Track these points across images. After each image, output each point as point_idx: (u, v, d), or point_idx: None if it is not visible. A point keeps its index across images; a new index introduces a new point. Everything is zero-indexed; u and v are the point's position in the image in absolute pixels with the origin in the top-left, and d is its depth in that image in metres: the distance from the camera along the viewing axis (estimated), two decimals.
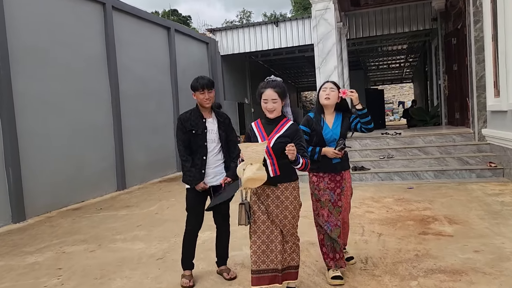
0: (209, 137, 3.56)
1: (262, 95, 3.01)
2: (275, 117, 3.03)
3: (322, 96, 3.47)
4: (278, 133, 3.01)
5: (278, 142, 2.95)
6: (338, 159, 3.46)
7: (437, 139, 8.75)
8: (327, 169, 3.47)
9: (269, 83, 3.04)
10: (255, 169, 2.74)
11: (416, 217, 5.22)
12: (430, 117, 13.93)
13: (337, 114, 3.56)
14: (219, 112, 3.71)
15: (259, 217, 2.99)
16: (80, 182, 8.15)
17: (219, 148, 3.63)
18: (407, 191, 6.91)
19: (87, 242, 5.26)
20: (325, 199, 3.46)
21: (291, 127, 3.04)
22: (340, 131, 3.48)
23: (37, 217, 7.00)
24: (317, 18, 9.06)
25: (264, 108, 3.01)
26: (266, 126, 3.09)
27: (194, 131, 3.51)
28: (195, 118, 3.56)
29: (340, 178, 3.49)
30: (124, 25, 9.97)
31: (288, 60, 19.54)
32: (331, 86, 3.49)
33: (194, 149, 3.56)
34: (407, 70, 26.39)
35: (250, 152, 2.77)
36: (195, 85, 3.49)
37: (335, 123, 3.52)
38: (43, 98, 7.43)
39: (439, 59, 12.95)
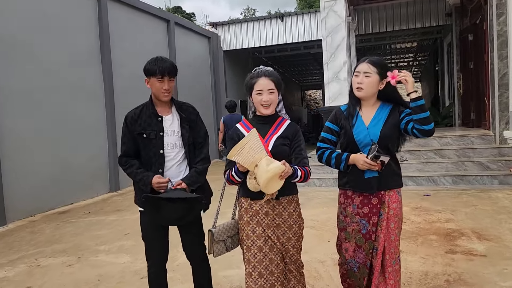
0: (167, 141, 2.63)
1: (254, 86, 2.38)
2: (270, 113, 2.41)
3: (354, 84, 2.48)
4: (276, 133, 2.40)
5: (279, 145, 2.36)
6: (373, 172, 2.42)
7: (453, 141, 8.11)
8: (357, 185, 2.48)
9: (261, 71, 2.43)
10: (265, 165, 2.12)
11: (439, 231, 4.60)
12: (442, 117, 13.26)
13: (382, 106, 2.51)
14: (182, 104, 2.76)
15: (254, 243, 2.33)
16: (68, 183, 7.55)
17: (183, 155, 2.68)
18: (424, 198, 6.28)
19: (67, 253, 4.67)
20: (352, 229, 2.50)
21: (290, 127, 2.46)
22: (380, 130, 2.42)
23: (19, 221, 6.43)
24: (326, 10, 8.42)
25: (258, 102, 2.37)
26: (258, 126, 2.42)
27: (145, 134, 2.59)
28: (147, 116, 2.62)
29: (377, 202, 2.46)
30: (120, 16, 9.36)
31: (293, 57, 18.88)
32: (366, 70, 2.40)
33: (146, 160, 2.63)
34: (415, 69, 25.67)
35: (247, 153, 2.14)
36: (152, 69, 2.55)
37: (375, 118, 2.47)
38: (26, 94, 6.83)
39: (452, 57, 12.27)
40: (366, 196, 2.48)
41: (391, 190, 2.48)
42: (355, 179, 2.48)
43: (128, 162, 2.63)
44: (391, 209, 2.45)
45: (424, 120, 2.32)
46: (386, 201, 2.45)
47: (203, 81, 13.48)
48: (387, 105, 2.51)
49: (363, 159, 2.34)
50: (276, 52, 16.38)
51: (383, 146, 2.38)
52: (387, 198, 2.46)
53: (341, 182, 2.57)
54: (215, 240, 2.35)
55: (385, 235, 2.44)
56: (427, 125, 2.34)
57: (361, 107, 2.52)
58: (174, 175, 2.63)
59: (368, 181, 2.44)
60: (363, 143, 2.44)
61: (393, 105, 2.49)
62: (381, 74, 2.39)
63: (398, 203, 2.47)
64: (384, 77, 2.40)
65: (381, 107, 2.51)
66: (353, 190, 2.50)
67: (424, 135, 2.36)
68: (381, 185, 2.45)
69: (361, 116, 2.49)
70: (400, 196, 2.51)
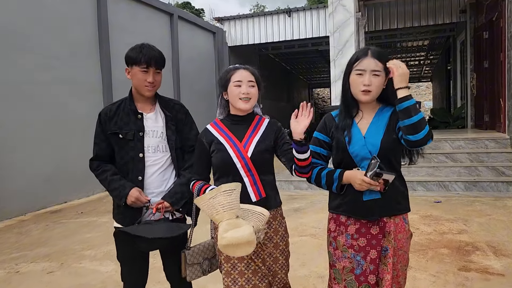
0: (148, 143, 2.25)
1: (231, 78, 2.05)
2: (248, 110, 2.08)
3: (358, 86, 1.89)
4: (256, 134, 2.06)
5: (260, 150, 2.02)
6: (374, 193, 1.90)
7: (466, 144, 7.69)
8: (353, 210, 1.94)
9: (239, 65, 2.13)
10: (222, 231, 1.71)
11: (451, 244, 4.22)
12: (454, 119, 12.79)
13: (381, 110, 1.98)
14: (168, 101, 2.39)
15: (234, 267, 1.97)
16: (62, 181, 7.27)
17: (168, 160, 2.30)
18: (434, 205, 5.89)
19: (50, 258, 4.38)
20: (343, 266, 1.94)
21: (271, 125, 2.14)
22: (381, 140, 1.90)
23: (8, 221, 6.16)
24: (334, 4, 8.03)
25: (236, 95, 2.03)
26: (233, 127, 2.09)
27: (120, 134, 2.22)
28: (125, 113, 2.26)
29: (378, 231, 1.91)
30: (120, 8, 9.04)
31: (300, 54, 18.48)
32: (374, 67, 1.87)
33: (122, 165, 2.25)
34: (426, 68, 25.12)
35: (211, 206, 1.76)
36: (135, 56, 2.17)
37: (374, 125, 1.95)
38: (18, 87, 6.55)
39: (466, 55, 11.80)
40: (364, 224, 1.93)
41: (397, 216, 1.95)
42: (351, 202, 1.93)
43: (101, 166, 2.26)
44: (399, 240, 1.93)
45: (412, 128, 1.74)
46: (390, 231, 1.91)
47: (207, 77, 13.14)
48: (388, 107, 1.97)
49: (361, 178, 1.81)
50: (283, 48, 15.99)
51: (385, 160, 1.87)
52: (392, 227, 1.92)
53: (332, 204, 2.04)
54: (189, 263, 2.02)
55: (397, 275, 1.93)
56: (415, 134, 1.74)
57: (357, 112, 2.00)
58: (157, 183, 2.27)
59: (368, 204, 1.89)
60: (359, 156, 1.91)
61: (395, 107, 1.93)
62: (386, 70, 1.89)
63: (404, 233, 1.95)
64: (387, 74, 1.90)
65: (380, 110, 1.99)
66: (347, 215, 1.96)
67: (411, 146, 1.83)
68: (384, 210, 1.91)
69: (357, 122, 1.97)
70: (407, 224, 2.00)
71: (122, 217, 2.24)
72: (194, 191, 2.06)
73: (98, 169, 2.28)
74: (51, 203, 7.06)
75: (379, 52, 1.92)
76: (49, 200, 7.01)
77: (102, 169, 2.26)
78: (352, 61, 1.93)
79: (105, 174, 2.24)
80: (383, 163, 1.85)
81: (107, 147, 2.27)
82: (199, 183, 2.07)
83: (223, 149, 2.03)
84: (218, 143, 2.05)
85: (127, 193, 2.14)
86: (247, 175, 2.01)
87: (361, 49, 1.98)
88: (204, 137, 2.11)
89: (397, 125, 1.88)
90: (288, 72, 22.49)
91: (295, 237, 4.54)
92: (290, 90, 23.25)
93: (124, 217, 2.23)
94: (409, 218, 2.05)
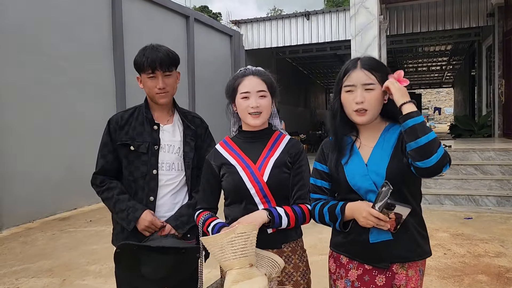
0: (163, 159, 1.97)
1: (238, 88, 1.72)
2: (261, 126, 1.74)
3: (350, 105, 1.56)
4: (272, 154, 1.72)
5: (278, 173, 1.68)
6: (384, 233, 1.52)
7: (497, 155, 7.21)
8: (356, 252, 1.59)
9: (248, 70, 1.75)
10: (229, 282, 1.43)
11: (489, 269, 3.80)
12: (479, 127, 12.22)
13: (388, 129, 1.62)
14: (187, 114, 2.10)
15: None
16: (72, 186, 7.05)
17: (182, 180, 2.00)
18: (464, 222, 5.45)
19: (53, 273, 4.11)
20: None
21: (291, 145, 1.76)
22: (387, 168, 1.52)
23: (15, 228, 5.95)
24: (357, 6, 7.66)
25: (244, 109, 1.69)
26: (246, 146, 1.76)
27: (132, 146, 1.94)
28: (138, 123, 1.98)
29: (384, 282, 1.55)
30: (135, 10, 8.85)
31: (318, 58, 18.11)
32: (365, 80, 1.53)
33: (129, 183, 1.96)
34: (448, 74, 24.43)
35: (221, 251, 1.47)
36: (140, 61, 1.91)
37: (378, 148, 1.59)
38: (28, 90, 6.36)
39: (493, 61, 11.28)
40: (369, 271, 1.55)
41: (411, 266, 1.55)
42: (354, 242, 1.56)
43: (106, 183, 1.97)
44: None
45: (420, 152, 1.38)
46: (400, 285, 1.54)
47: (223, 81, 12.70)
48: (397, 126, 1.58)
49: (368, 210, 1.44)
50: (301, 52, 15.67)
51: (394, 191, 1.43)
52: (403, 280, 1.53)
53: (333, 240, 1.69)
54: None
55: None
56: (424, 160, 1.37)
57: (358, 133, 1.64)
58: (168, 207, 1.97)
59: (375, 247, 1.52)
60: (362, 189, 1.54)
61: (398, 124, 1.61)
62: (383, 82, 1.53)
63: (416, 281, 1.56)
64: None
65: (386, 130, 1.61)
66: (350, 256, 1.60)
67: (422, 175, 1.46)
68: (396, 255, 1.52)
69: (358, 148, 1.61)
70: (422, 273, 1.60)
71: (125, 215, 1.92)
72: (198, 223, 1.75)
73: (103, 186, 1.98)
74: (60, 209, 6.85)
75: (371, 60, 1.58)
76: (58, 207, 6.80)
77: (107, 186, 1.97)
78: (340, 76, 1.59)
79: (111, 192, 1.94)
80: (394, 197, 1.43)
81: (114, 160, 1.98)
82: (204, 214, 1.75)
83: (235, 171, 1.70)
84: (229, 166, 1.73)
85: (138, 216, 1.85)
86: (263, 202, 1.68)
87: (350, 60, 1.63)
88: (212, 159, 1.78)
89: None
90: (306, 77, 22.14)
91: (315, 255, 4.18)
92: (307, 95, 22.88)
93: (126, 239, 1.90)
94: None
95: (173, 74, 1.97)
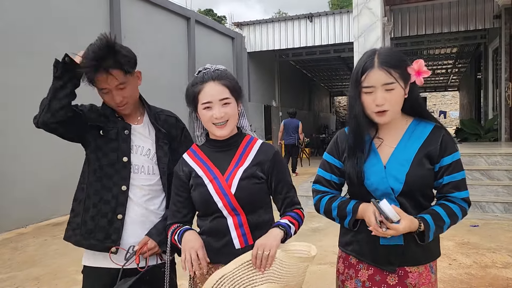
0: (135, 160, 1.79)
1: (198, 96, 1.56)
2: (229, 135, 1.57)
3: (369, 107, 1.45)
4: (242, 164, 1.56)
5: (247, 184, 1.53)
6: (395, 238, 1.45)
7: (504, 160, 6.98)
8: (366, 254, 1.53)
9: (207, 73, 1.56)
10: None
11: (497, 281, 3.59)
12: (485, 131, 11.99)
13: (413, 127, 1.53)
14: (159, 113, 1.92)
15: None
16: (67, 190, 6.81)
17: (156, 185, 1.82)
18: (470, 230, 5.24)
19: (39, 282, 3.95)
20: None
21: (263, 150, 1.60)
22: (407, 173, 1.45)
23: (7, 233, 5.81)
24: (359, 6, 7.48)
25: (208, 120, 1.54)
26: (214, 155, 1.61)
27: (102, 131, 1.77)
28: (111, 115, 1.81)
29: (397, 282, 1.50)
30: (134, 11, 8.72)
31: (321, 61, 17.93)
32: (386, 80, 1.41)
33: (96, 169, 1.77)
34: (453, 77, 24.15)
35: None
36: (89, 76, 1.70)
37: (400, 149, 1.49)
38: (23, 91, 6.22)
39: (499, 64, 11.06)
40: (379, 271, 1.50)
41: (420, 266, 1.50)
42: (364, 242, 1.50)
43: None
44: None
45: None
46: (415, 284, 1.49)
47: None
48: (424, 123, 1.52)
49: (375, 216, 1.38)
50: (304, 55, 15.48)
51: (410, 199, 1.46)
52: (415, 278, 1.49)
53: (342, 240, 1.63)
54: None
55: None
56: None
57: (378, 130, 1.53)
58: (140, 211, 1.77)
59: (385, 250, 1.45)
60: (379, 191, 1.47)
61: (434, 126, 1.51)
62: (404, 77, 1.43)
63: (429, 286, 1.51)
64: (407, 79, 1.45)
65: (411, 129, 1.52)
66: (359, 257, 1.54)
67: None
68: (406, 258, 1.48)
69: (376, 147, 1.51)
70: (435, 273, 1.55)
71: (85, 235, 1.73)
72: (168, 237, 1.61)
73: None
74: (55, 214, 6.69)
75: (389, 55, 1.44)
76: (52, 211, 6.65)
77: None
78: (358, 76, 1.45)
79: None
80: (407, 202, 1.46)
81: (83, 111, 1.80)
82: (173, 227, 1.60)
83: (202, 183, 1.56)
84: (196, 177, 1.59)
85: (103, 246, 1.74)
86: (232, 215, 1.54)
87: (366, 54, 1.48)
88: (181, 170, 1.63)
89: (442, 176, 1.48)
90: (309, 80, 21.96)
91: (313, 265, 3.98)
92: (311, 98, 22.69)
93: (88, 235, 1.73)
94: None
95: (129, 81, 1.72)
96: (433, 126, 1.51)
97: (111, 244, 1.71)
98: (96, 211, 1.73)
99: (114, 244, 1.71)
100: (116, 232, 1.72)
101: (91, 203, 1.74)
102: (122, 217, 1.73)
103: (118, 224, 1.72)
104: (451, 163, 1.47)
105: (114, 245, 1.70)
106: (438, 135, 1.48)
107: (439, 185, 1.49)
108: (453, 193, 1.47)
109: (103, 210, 1.73)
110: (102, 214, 1.73)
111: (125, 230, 1.74)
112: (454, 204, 1.47)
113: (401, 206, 1.44)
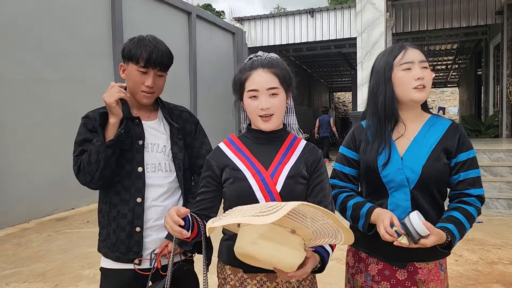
0: (147, 159, 1.75)
1: (245, 83, 1.43)
2: (274, 128, 1.46)
3: (408, 83, 1.47)
4: (287, 161, 1.44)
5: (293, 183, 1.41)
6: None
7: (507, 156, 6.98)
8: (376, 250, 1.56)
9: (258, 60, 1.45)
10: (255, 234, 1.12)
11: (504, 277, 3.60)
12: (486, 127, 11.99)
13: (431, 122, 1.56)
14: (172, 108, 1.87)
15: None
16: (70, 185, 6.82)
17: (173, 183, 1.79)
18: (475, 226, 5.24)
19: (45, 278, 3.93)
20: None
21: (308, 151, 1.49)
22: (423, 166, 1.48)
23: (10, 228, 5.78)
24: (363, 1, 7.44)
25: (253, 110, 1.42)
26: (256, 148, 1.47)
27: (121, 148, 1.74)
28: (125, 111, 1.76)
29: (406, 277, 1.52)
30: (135, 5, 8.65)
31: (322, 57, 17.88)
32: (422, 58, 1.50)
33: (113, 182, 1.73)
34: (453, 73, 24.13)
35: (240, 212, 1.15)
36: (134, 52, 1.66)
37: (418, 142, 1.52)
38: (25, 86, 6.17)
39: (501, 60, 11.04)
40: (389, 266, 1.53)
41: (430, 263, 1.53)
42: (374, 238, 1.46)
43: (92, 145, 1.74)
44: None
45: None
46: (425, 280, 1.51)
47: (226, 79, 12.66)
48: (442, 118, 1.57)
49: (387, 220, 1.38)
50: (304, 50, 15.44)
51: (425, 193, 1.50)
52: (425, 274, 1.51)
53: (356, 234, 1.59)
54: None
55: None
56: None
57: (398, 123, 1.54)
58: (158, 213, 1.74)
59: (394, 247, 1.38)
60: (395, 182, 1.49)
61: (452, 122, 1.55)
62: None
63: (438, 282, 1.52)
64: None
65: (429, 123, 1.55)
66: (370, 253, 1.58)
67: None
68: (416, 254, 1.50)
69: (394, 139, 1.53)
70: (444, 271, 1.56)
71: (111, 248, 1.72)
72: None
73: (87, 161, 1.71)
74: (58, 209, 6.67)
75: (419, 48, 1.55)
76: (55, 207, 6.62)
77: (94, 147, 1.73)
78: (391, 57, 1.53)
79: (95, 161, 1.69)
80: (421, 196, 1.49)
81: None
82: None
83: (242, 177, 1.42)
84: (235, 170, 1.44)
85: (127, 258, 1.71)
86: None
87: (394, 45, 1.57)
88: (214, 159, 1.50)
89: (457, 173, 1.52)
90: (309, 75, 21.91)
91: None
92: (311, 94, 22.65)
93: (113, 248, 1.72)
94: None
95: (164, 76, 1.77)
96: (451, 123, 1.55)
97: (134, 256, 1.71)
98: (116, 225, 1.72)
99: (137, 256, 1.70)
100: (137, 245, 1.71)
101: (111, 216, 1.73)
102: (141, 229, 1.71)
103: (137, 237, 1.71)
104: (467, 160, 1.50)
105: (137, 257, 1.70)
106: (456, 131, 1.52)
107: (455, 181, 1.51)
108: (469, 190, 1.49)
109: (121, 224, 1.71)
110: (121, 228, 1.71)
111: (145, 239, 1.73)
112: (470, 206, 1.49)
113: (415, 200, 1.48)
